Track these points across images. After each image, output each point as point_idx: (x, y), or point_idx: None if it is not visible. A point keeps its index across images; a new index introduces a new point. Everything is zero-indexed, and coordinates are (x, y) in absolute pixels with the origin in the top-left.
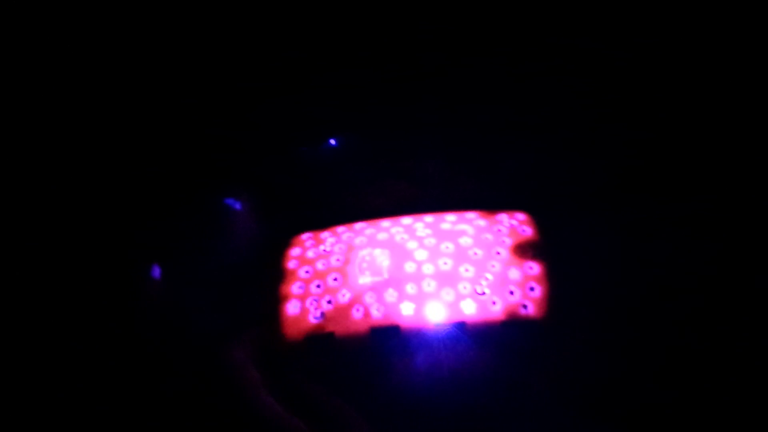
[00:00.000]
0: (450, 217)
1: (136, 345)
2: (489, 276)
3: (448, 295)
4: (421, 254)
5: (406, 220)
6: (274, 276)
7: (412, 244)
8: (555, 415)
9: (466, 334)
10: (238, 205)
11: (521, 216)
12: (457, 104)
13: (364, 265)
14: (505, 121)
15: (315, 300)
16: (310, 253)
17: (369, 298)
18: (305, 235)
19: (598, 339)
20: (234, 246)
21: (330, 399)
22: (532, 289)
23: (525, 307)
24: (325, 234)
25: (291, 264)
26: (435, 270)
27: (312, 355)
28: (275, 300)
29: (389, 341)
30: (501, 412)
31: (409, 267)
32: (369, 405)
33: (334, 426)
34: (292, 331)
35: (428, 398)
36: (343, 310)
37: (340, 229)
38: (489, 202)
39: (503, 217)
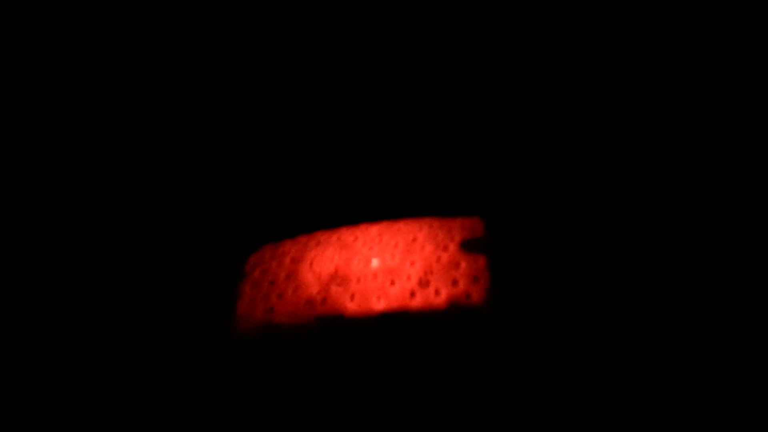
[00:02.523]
0: (404, 222)
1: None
2: (434, 267)
3: (393, 285)
4: (369, 251)
5: (362, 226)
6: (235, 278)
7: (361, 243)
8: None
9: (409, 321)
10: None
11: (475, 220)
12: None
13: (314, 262)
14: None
15: (266, 295)
16: (268, 256)
17: (317, 292)
18: (269, 245)
19: (542, 328)
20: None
21: None
22: (476, 279)
23: (468, 296)
24: (286, 241)
25: (250, 267)
26: (381, 263)
27: (261, 346)
28: (232, 298)
29: (334, 329)
30: (445, 394)
31: (357, 262)
32: (313, 390)
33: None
34: (243, 324)
35: (372, 382)
36: (292, 304)
37: (302, 238)
38: (445, 209)
39: (456, 221)
